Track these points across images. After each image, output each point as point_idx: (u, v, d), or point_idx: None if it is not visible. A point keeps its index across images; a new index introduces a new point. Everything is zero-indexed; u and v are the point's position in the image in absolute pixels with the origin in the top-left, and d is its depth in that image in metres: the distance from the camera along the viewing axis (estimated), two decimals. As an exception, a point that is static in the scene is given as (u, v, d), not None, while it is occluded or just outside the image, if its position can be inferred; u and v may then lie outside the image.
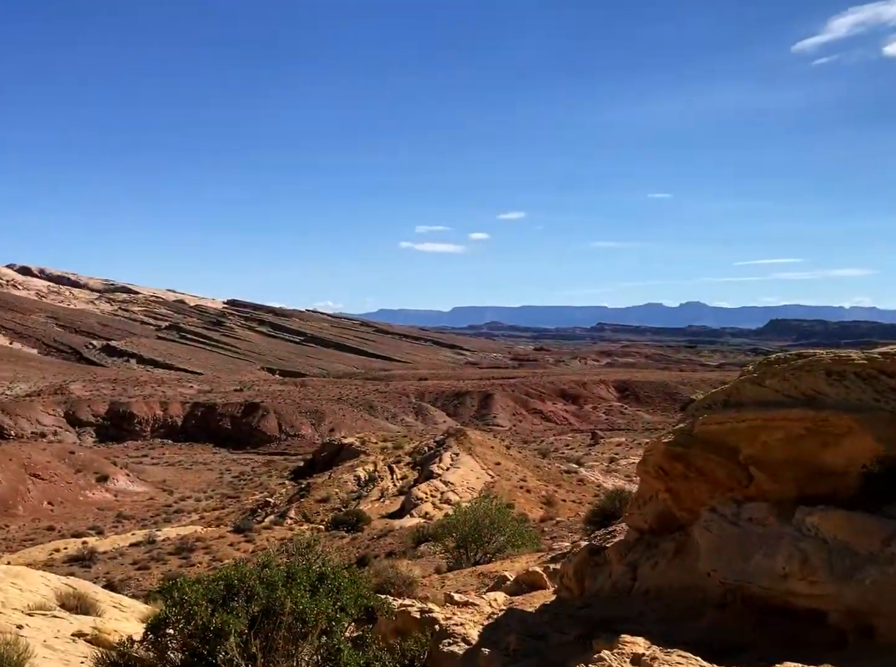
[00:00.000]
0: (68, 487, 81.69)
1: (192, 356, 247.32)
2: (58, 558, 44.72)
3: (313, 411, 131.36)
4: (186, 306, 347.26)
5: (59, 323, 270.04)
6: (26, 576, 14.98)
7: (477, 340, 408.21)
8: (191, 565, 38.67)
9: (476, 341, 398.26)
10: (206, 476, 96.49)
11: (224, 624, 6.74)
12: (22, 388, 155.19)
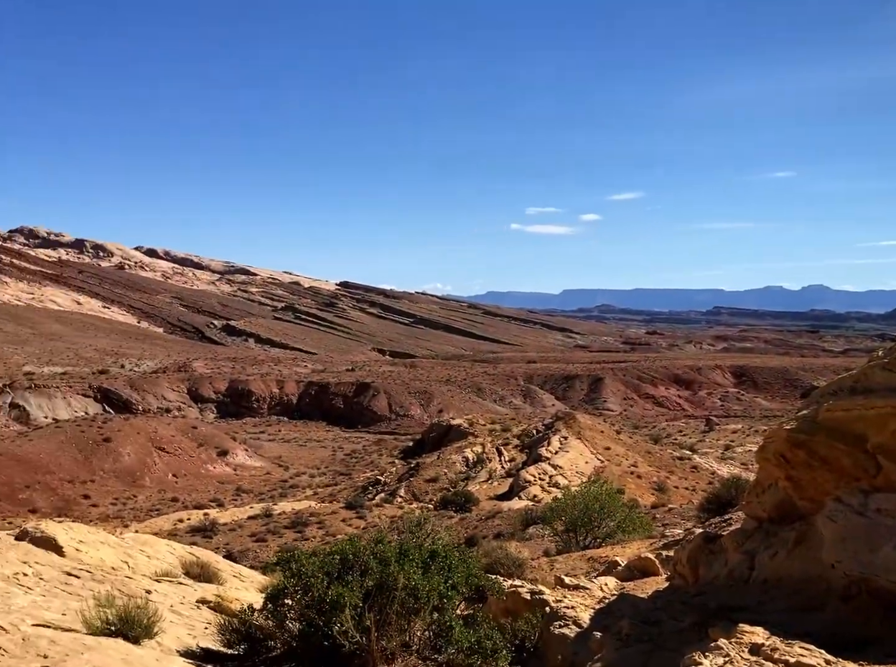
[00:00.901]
0: (191, 461, 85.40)
1: (306, 336, 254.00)
2: (181, 528, 46.83)
3: (422, 392, 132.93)
4: (301, 288, 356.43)
5: (182, 303, 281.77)
6: (153, 544, 15.75)
7: (587, 324, 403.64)
8: (305, 539, 39.85)
9: (586, 325, 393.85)
10: (320, 453, 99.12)
11: (339, 597, 6.91)
12: (149, 365, 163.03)
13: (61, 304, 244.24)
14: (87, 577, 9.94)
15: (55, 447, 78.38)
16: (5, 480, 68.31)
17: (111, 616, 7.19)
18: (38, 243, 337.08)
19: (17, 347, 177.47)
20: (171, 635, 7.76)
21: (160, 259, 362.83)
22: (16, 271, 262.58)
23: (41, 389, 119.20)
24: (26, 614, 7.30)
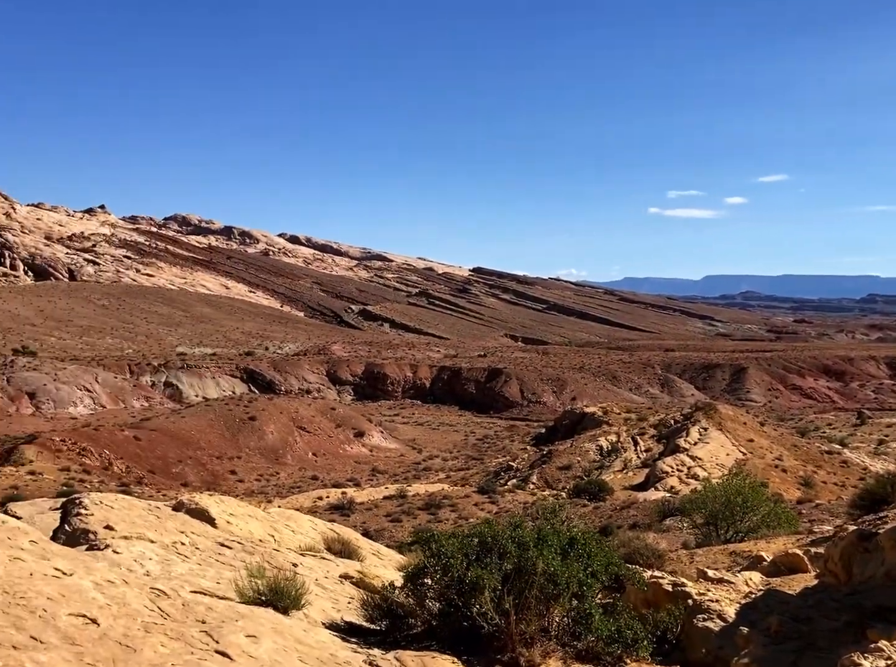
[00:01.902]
0: (329, 441, 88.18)
1: (439, 321, 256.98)
2: (321, 505, 48.43)
3: (555, 379, 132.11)
4: (435, 274, 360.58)
5: (322, 288, 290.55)
6: (297, 519, 16.35)
7: (730, 311, 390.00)
8: (438, 521, 40.43)
9: (729, 312, 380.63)
10: (452, 437, 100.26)
11: (479, 579, 6.97)
12: (291, 347, 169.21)
13: (211, 288, 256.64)
14: (238, 548, 10.42)
15: (205, 425, 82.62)
16: (160, 454, 72.56)
17: (262, 587, 7.50)
18: (191, 230, 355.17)
19: (170, 328, 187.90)
20: (317, 607, 8.03)
21: (302, 246, 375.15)
22: (170, 257, 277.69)
23: (192, 369, 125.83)
24: (185, 581, 7.72)
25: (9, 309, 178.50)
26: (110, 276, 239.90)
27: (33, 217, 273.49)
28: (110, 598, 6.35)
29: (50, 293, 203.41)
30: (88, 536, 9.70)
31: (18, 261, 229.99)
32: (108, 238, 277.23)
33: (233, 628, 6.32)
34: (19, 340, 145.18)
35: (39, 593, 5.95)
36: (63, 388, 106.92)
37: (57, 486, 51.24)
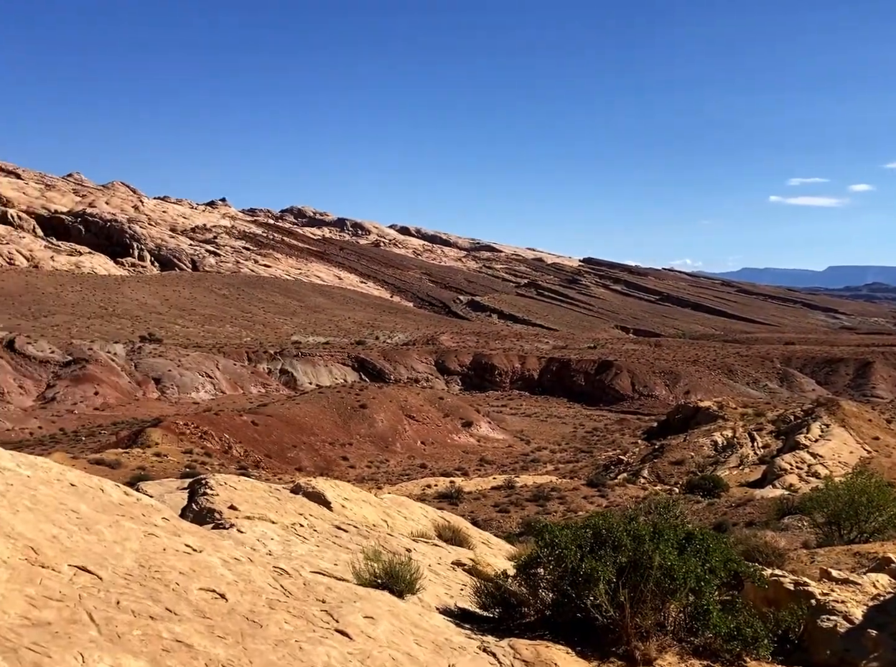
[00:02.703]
0: (438, 430, 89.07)
1: (548, 312, 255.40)
2: (429, 493, 48.99)
3: (667, 372, 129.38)
4: (544, 264, 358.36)
5: (431, 279, 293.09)
6: (409, 506, 16.61)
7: (855, 303, 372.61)
8: (547, 513, 40.30)
9: (854, 304, 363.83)
10: (561, 429, 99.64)
11: (593, 570, 6.93)
12: (400, 337, 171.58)
13: (324, 278, 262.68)
14: (353, 532, 10.67)
15: (318, 411, 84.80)
16: (276, 439, 74.91)
17: (378, 570, 7.67)
18: (305, 222, 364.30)
19: (286, 317, 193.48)
20: (431, 592, 8.16)
21: (412, 236, 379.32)
22: (286, 248, 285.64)
23: (306, 357, 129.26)
24: (305, 562, 7.97)
25: (137, 298, 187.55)
26: (230, 266, 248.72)
27: (159, 210, 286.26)
28: (237, 575, 6.62)
29: (174, 283, 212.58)
30: (214, 515, 10.13)
31: (146, 252, 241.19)
32: (228, 230, 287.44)
33: (351, 608, 6.50)
34: (146, 328, 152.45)
35: (172, 567, 6.26)
36: (186, 374, 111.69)
37: (180, 467, 53.63)
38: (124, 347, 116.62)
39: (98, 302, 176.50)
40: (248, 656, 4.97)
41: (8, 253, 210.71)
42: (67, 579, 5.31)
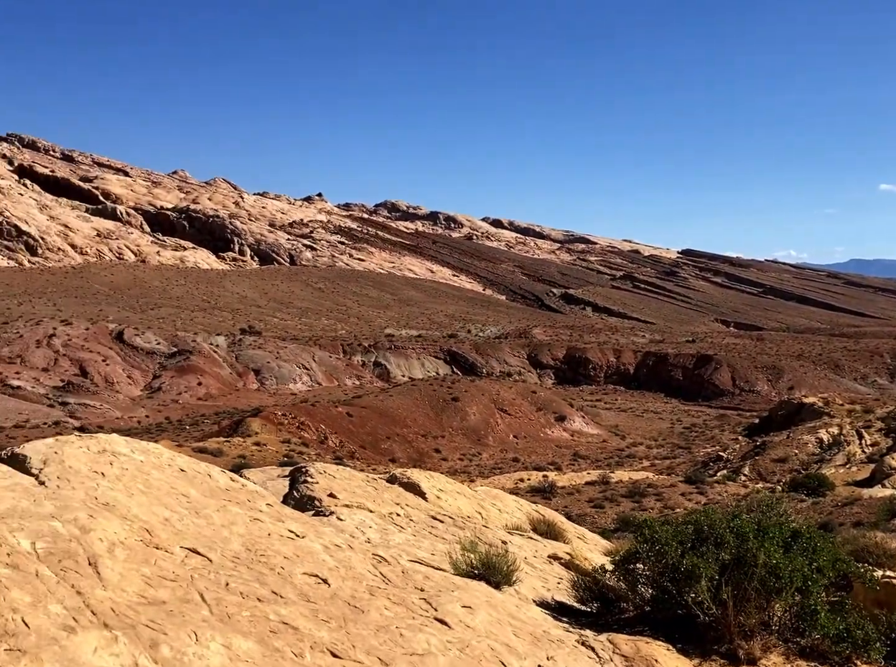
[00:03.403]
0: (530, 424, 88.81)
1: (644, 306, 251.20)
2: (522, 487, 48.91)
3: (770, 367, 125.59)
4: (640, 256, 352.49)
5: (523, 272, 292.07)
6: (503, 499, 16.64)
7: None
8: (643, 509, 39.72)
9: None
10: (657, 425, 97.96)
11: (694, 567, 6.80)
12: (492, 330, 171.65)
13: (417, 272, 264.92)
14: (449, 522, 10.75)
15: (411, 403, 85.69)
16: (370, 430, 76.06)
17: (475, 561, 7.71)
18: (399, 216, 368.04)
19: (379, 311, 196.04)
20: (527, 585, 8.15)
21: (504, 229, 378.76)
22: (380, 242, 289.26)
23: (399, 349, 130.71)
24: (402, 551, 8.08)
25: (237, 291, 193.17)
26: (326, 260, 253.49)
27: (259, 205, 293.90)
28: (338, 561, 6.77)
29: (273, 277, 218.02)
30: (314, 502, 10.37)
31: (246, 247, 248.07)
32: (324, 225, 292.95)
33: (449, 597, 6.55)
34: (246, 321, 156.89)
35: (277, 552, 6.44)
36: (284, 365, 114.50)
37: (279, 457, 55.03)
38: (226, 339, 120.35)
39: (201, 295, 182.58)
40: (351, 640, 5.07)
41: (117, 248, 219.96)
42: (180, 561, 5.52)
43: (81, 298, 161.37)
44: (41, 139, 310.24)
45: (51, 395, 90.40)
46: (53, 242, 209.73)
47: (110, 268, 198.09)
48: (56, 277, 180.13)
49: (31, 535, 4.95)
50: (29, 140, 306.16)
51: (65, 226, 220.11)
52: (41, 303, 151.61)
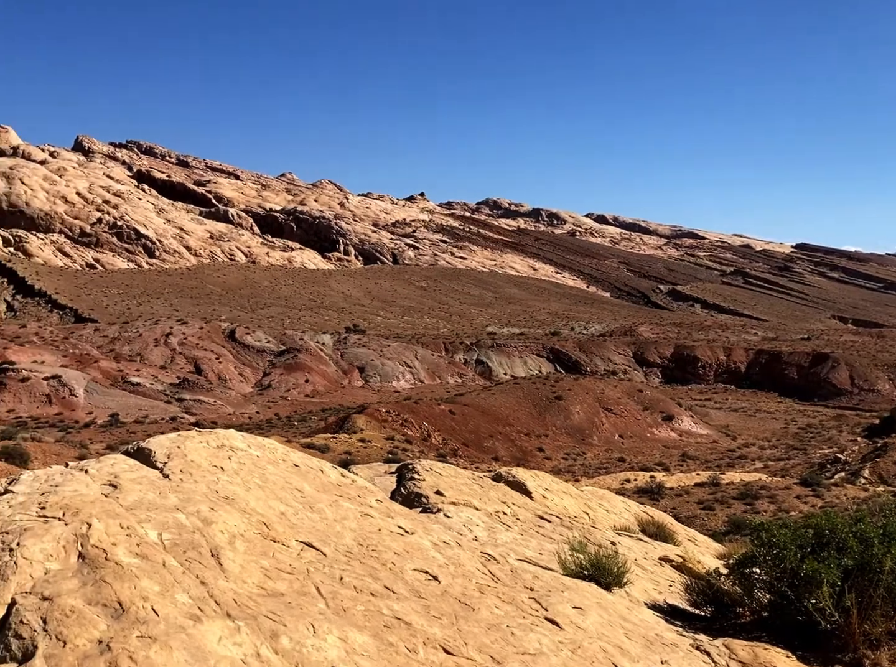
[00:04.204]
0: (636, 423, 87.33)
1: (756, 302, 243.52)
2: (628, 487, 48.14)
3: (892, 365, 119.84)
4: (752, 251, 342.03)
5: (629, 268, 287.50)
6: (610, 499, 16.43)
7: None
8: (755, 512, 38.53)
9: None
10: (770, 425, 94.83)
11: (815, 572, 6.56)
12: (596, 328, 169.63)
13: (519, 269, 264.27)
14: (556, 522, 10.68)
15: (513, 402, 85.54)
16: (472, 428, 76.33)
17: (584, 561, 7.64)
18: (500, 214, 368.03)
19: (481, 309, 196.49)
20: (638, 587, 8.02)
21: (609, 225, 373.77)
22: (481, 240, 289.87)
23: (501, 347, 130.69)
24: (510, 550, 8.07)
25: (342, 290, 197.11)
26: (428, 259, 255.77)
27: (363, 206, 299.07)
28: (447, 558, 6.81)
29: (376, 276, 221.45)
30: (421, 499, 10.47)
31: (350, 246, 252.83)
32: (426, 224, 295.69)
33: (559, 597, 6.51)
34: (351, 319, 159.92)
35: (388, 547, 6.53)
36: (388, 363, 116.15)
37: (383, 453, 55.88)
38: (331, 338, 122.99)
39: (308, 295, 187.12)
40: (463, 637, 5.10)
41: (229, 250, 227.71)
42: (296, 554, 5.67)
43: (196, 299, 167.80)
44: (158, 145, 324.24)
45: (168, 391, 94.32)
46: (170, 245, 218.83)
47: (222, 269, 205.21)
48: (172, 278, 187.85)
49: (157, 526, 5.17)
50: (147, 146, 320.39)
51: (180, 229, 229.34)
52: (159, 303, 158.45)
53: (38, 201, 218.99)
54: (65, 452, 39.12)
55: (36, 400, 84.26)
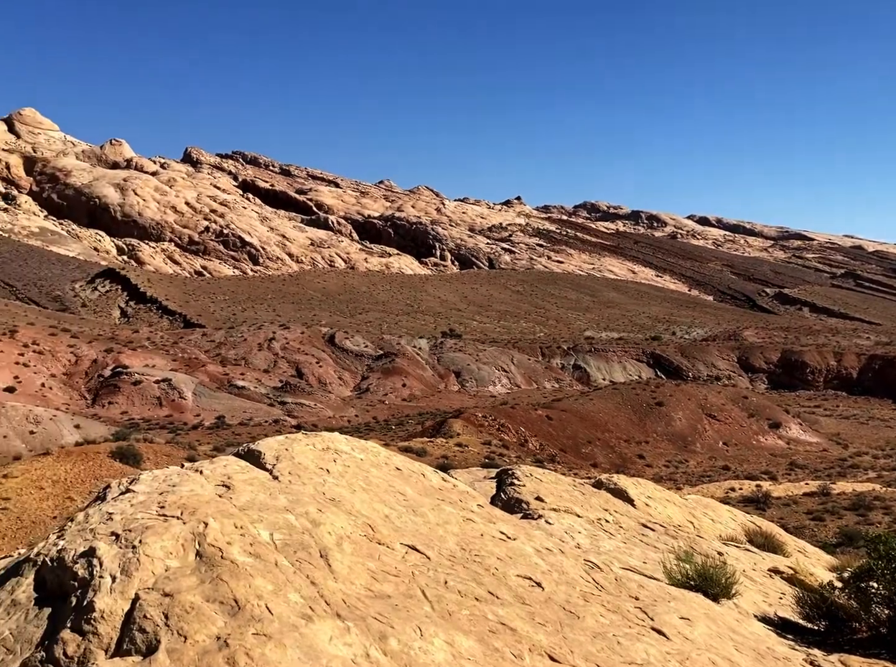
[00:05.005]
0: (741, 430, 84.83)
1: (868, 305, 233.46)
2: (733, 496, 46.81)
3: None
4: (864, 252, 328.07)
5: (733, 271, 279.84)
6: (715, 508, 16.03)
7: None
8: (869, 523, 36.92)
9: None
10: (885, 433, 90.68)
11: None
12: (698, 332, 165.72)
13: (617, 273, 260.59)
14: (659, 531, 10.49)
15: (612, 407, 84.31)
16: (570, 434, 75.60)
17: (691, 571, 7.48)
18: (599, 217, 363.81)
19: (578, 313, 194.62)
20: (747, 599, 7.81)
21: (711, 227, 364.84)
22: (579, 243, 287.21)
23: (599, 352, 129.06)
24: (613, 558, 7.97)
25: (439, 295, 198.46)
26: (524, 263, 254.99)
27: (459, 211, 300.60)
28: (550, 565, 6.77)
29: (472, 280, 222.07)
30: (521, 505, 10.44)
31: (447, 251, 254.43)
32: (522, 228, 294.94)
33: (666, 608, 6.39)
34: (447, 324, 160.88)
35: (490, 552, 6.54)
36: (483, 368, 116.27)
37: (480, 458, 55.90)
38: (428, 342, 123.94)
39: (404, 300, 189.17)
40: (569, 645, 5.06)
41: (329, 256, 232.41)
42: (400, 557, 5.74)
43: (297, 304, 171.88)
44: (262, 155, 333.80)
45: (270, 394, 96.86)
46: (273, 252, 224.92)
47: (322, 275, 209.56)
48: (275, 284, 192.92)
49: (269, 526, 5.32)
50: (251, 157, 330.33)
51: (282, 236, 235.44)
52: (262, 308, 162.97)
53: (150, 211, 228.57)
54: (175, 453, 40.62)
55: (147, 402, 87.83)
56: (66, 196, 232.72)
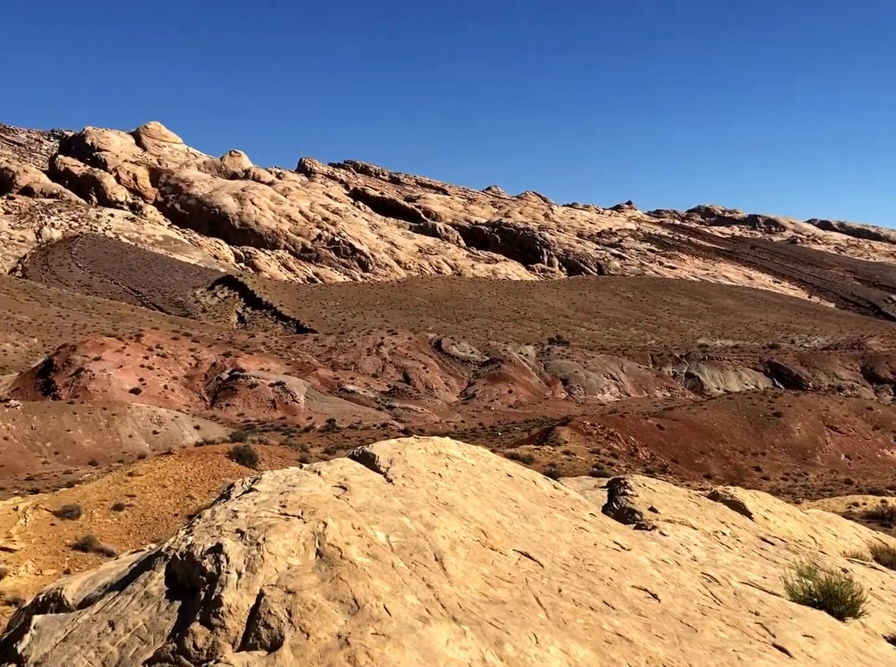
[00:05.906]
0: (865, 443, 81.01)
1: None
2: (856, 512, 44.67)
3: None
4: None
5: (856, 277, 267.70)
6: (838, 523, 15.37)
7: None
8: None
9: None
10: None
11: None
12: (819, 341, 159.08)
13: (733, 279, 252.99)
14: (779, 545, 10.14)
15: (727, 418, 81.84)
16: (682, 444, 73.77)
17: (814, 588, 7.20)
18: (713, 221, 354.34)
19: (691, 320, 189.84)
20: (875, 618, 7.46)
21: (833, 231, 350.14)
22: (692, 249, 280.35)
23: (714, 361, 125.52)
24: (731, 571, 7.74)
25: (546, 302, 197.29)
26: (635, 269, 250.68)
27: (567, 216, 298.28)
28: (666, 576, 6.64)
29: (580, 286, 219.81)
30: (634, 515, 10.27)
31: (554, 257, 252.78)
32: (633, 233, 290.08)
33: (788, 624, 6.17)
34: (554, 330, 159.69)
35: (604, 562, 6.46)
36: (592, 375, 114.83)
37: (588, 466, 55.20)
38: (534, 349, 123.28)
39: (511, 306, 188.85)
40: (687, 659, 4.95)
41: (436, 262, 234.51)
42: (513, 563, 5.74)
43: (405, 310, 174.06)
44: (372, 164, 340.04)
45: (378, 399, 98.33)
46: (381, 259, 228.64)
47: (430, 281, 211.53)
48: (383, 291, 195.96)
49: (385, 528, 5.41)
50: (362, 166, 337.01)
51: (391, 243, 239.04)
52: (371, 314, 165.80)
53: (266, 220, 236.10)
54: (288, 455, 41.74)
55: (262, 405, 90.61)
56: (188, 206, 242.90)
